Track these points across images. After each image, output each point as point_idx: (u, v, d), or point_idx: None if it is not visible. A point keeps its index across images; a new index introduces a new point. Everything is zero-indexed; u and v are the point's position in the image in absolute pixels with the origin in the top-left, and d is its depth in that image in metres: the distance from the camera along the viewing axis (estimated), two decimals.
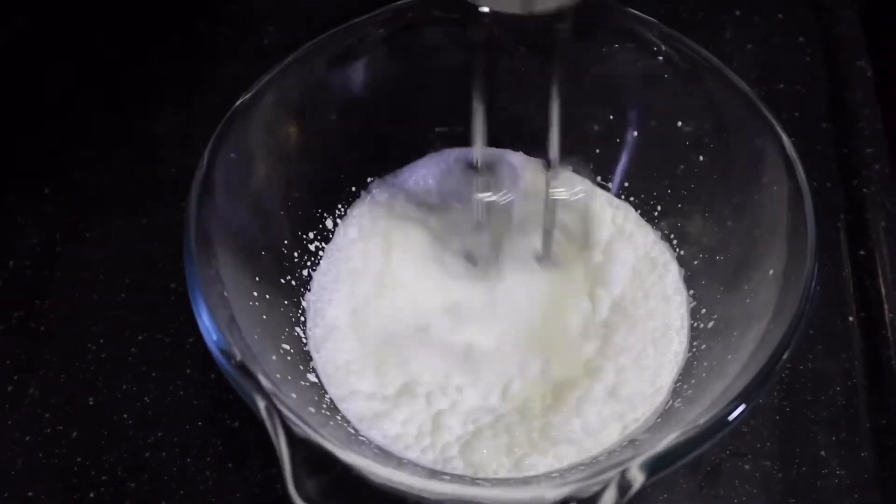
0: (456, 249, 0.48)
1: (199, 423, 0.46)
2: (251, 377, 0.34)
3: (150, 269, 0.51)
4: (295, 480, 0.32)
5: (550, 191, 0.44)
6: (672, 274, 0.47)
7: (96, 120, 0.58)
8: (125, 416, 0.46)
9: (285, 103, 0.45)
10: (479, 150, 0.43)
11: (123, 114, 0.58)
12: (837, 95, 0.60)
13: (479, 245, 0.47)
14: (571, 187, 0.47)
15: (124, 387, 0.47)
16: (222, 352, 0.35)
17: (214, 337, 0.35)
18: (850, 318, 0.50)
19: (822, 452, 0.45)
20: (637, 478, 0.31)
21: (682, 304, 0.46)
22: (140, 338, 0.48)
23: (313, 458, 0.33)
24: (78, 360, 0.48)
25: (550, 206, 0.45)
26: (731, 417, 0.33)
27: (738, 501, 0.43)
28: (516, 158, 0.50)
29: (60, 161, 0.56)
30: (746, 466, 0.44)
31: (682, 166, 0.48)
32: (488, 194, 0.45)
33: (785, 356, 0.35)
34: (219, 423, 0.45)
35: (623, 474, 0.31)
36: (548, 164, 0.44)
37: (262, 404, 0.33)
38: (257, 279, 0.42)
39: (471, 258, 0.47)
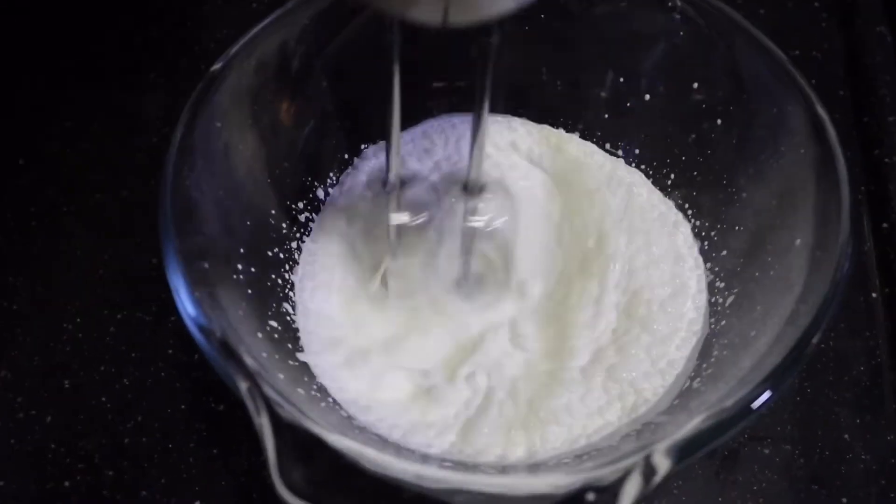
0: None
1: (182, 407, 0.43)
2: (233, 356, 0.31)
3: (130, 244, 0.49)
4: (280, 469, 0.29)
5: (468, 218, 0.41)
6: (683, 234, 0.45)
7: (74, 89, 0.55)
8: (103, 399, 0.43)
9: (269, 64, 0.42)
10: (394, 166, 0.39)
11: (103, 83, 0.56)
12: (855, 62, 0.58)
13: (394, 270, 0.43)
14: (494, 214, 0.41)
15: (102, 368, 0.44)
16: (201, 329, 0.32)
17: (192, 313, 0.32)
18: (874, 295, 0.47)
19: (846, 436, 0.43)
20: (662, 464, 0.29)
21: (696, 266, 0.43)
22: (119, 317, 0.46)
23: (301, 445, 0.30)
24: (53, 341, 0.45)
25: (467, 233, 0.41)
26: (761, 399, 0.30)
27: (758, 488, 0.41)
28: (439, 174, 0.46)
29: (36, 132, 0.53)
30: (766, 451, 0.42)
31: (696, 132, 0.45)
32: (401, 216, 0.41)
33: (818, 334, 0.32)
34: (203, 407, 0.43)
35: (647, 460, 0.28)
36: (465, 187, 0.40)
37: (243, 386, 0.30)
38: (242, 251, 0.39)
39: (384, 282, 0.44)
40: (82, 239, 0.49)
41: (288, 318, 0.41)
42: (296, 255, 0.44)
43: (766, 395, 0.30)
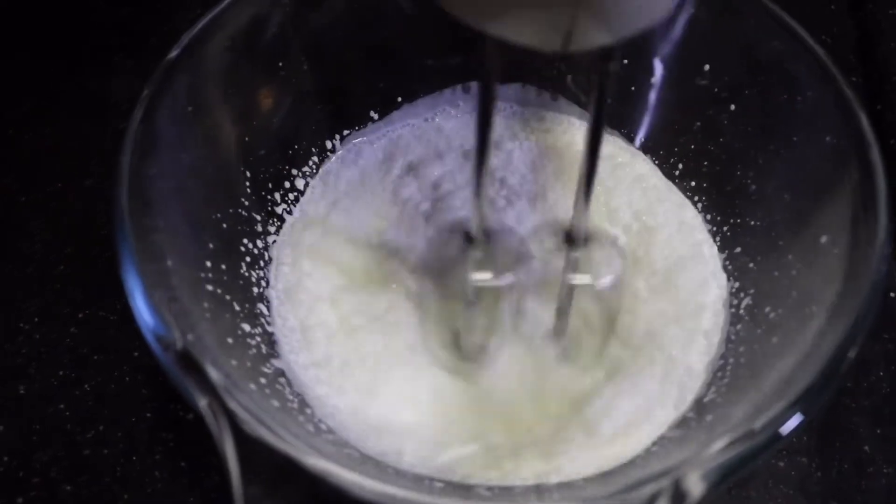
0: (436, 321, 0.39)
1: (148, 416, 0.40)
2: (194, 368, 0.27)
3: (93, 238, 0.46)
4: (246, 498, 0.25)
5: (569, 275, 0.36)
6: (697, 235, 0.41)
7: (34, 69, 0.52)
8: (61, 406, 0.40)
9: (240, 41, 0.38)
10: (477, 217, 0.34)
11: (65, 62, 0.53)
12: (868, 47, 0.55)
13: (467, 330, 0.38)
14: (600, 269, 0.36)
15: (61, 373, 0.41)
16: (158, 339, 0.28)
17: (149, 322, 0.28)
18: (892, 295, 0.44)
19: (866, 447, 0.40)
20: (695, 489, 0.25)
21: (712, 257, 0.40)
22: (80, 316, 0.43)
23: (271, 468, 0.26)
24: (7, 342, 0.42)
25: (567, 291, 0.36)
26: (794, 422, 0.27)
27: None
28: (528, 226, 0.41)
29: None
30: (781, 464, 0.39)
31: (706, 118, 0.42)
32: (484, 275, 0.36)
33: (855, 347, 0.28)
34: (170, 416, 0.40)
35: (676, 484, 0.25)
36: (569, 239, 0.35)
37: (202, 402, 0.27)
38: (211, 247, 0.35)
39: (455, 342, 0.39)
40: (41, 232, 0.46)
41: (263, 319, 0.38)
42: (272, 250, 0.41)
43: (797, 419, 0.27)
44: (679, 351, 0.38)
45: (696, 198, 0.43)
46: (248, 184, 0.40)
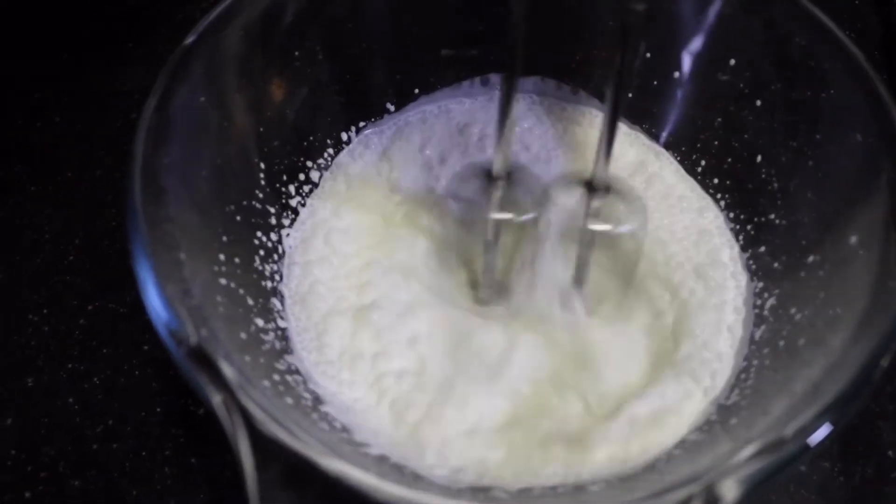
0: (455, 266, 0.40)
1: (158, 410, 0.39)
2: (207, 364, 0.27)
3: (104, 228, 0.45)
4: (261, 499, 0.24)
5: (590, 223, 0.36)
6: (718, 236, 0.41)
7: (45, 59, 0.52)
8: (70, 400, 0.40)
9: (255, 29, 0.37)
10: (500, 156, 0.35)
11: (77, 52, 0.52)
12: (894, 43, 0.53)
13: (486, 271, 0.39)
14: (620, 217, 0.36)
15: (69, 366, 0.41)
16: (172, 334, 0.27)
17: (163, 316, 0.28)
18: None
19: (890, 452, 0.39)
20: (728, 495, 0.25)
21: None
22: (90, 308, 0.42)
23: (286, 468, 0.26)
24: (16, 335, 0.41)
25: (587, 237, 0.37)
26: (823, 431, 0.26)
27: None
28: (550, 169, 0.42)
29: (2, 104, 0.50)
30: (802, 468, 0.38)
31: (731, 114, 0.41)
32: (505, 214, 0.36)
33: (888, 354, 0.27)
34: (181, 410, 0.39)
35: (709, 490, 0.24)
36: (590, 186, 0.35)
37: (216, 399, 0.26)
38: (224, 239, 0.35)
39: (474, 287, 0.39)
40: (51, 222, 0.45)
41: (276, 314, 0.37)
42: (285, 243, 0.40)
43: (828, 427, 0.26)
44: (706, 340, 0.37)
45: (719, 195, 0.42)
46: (262, 175, 0.39)
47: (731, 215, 0.41)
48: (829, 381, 0.28)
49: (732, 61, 0.40)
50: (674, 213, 0.42)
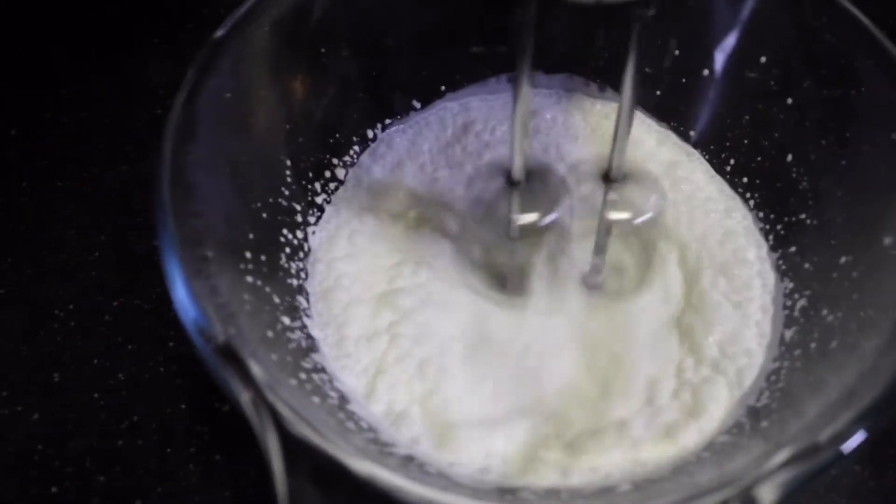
0: (480, 263, 0.40)
1: (183, 407, 0.39)
2: (235, 361, 0.27)
3: (129, 224, 0.45)
4: (291, 499, 0.24)
5: (607, 211, 0.36)
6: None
7: (72, 54, 0.52)
8: (95, 396, 0.40)
9: (284, 26, 0.37)
10: (518, 160, 0.35)
11: (102, 48, 0.52)
12: None
13: (510, 266, 0.39)
14: (638, 204, 0.36)
15: (95, 361, 0.41)
16: (200, 331, 0.27)
17: (191, 313, 0.28)
18: None
19: None
20: (766, 499, 0.24)
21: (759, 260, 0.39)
22: (115, 304, 0.42)
23: (316, 469, 0.25)
24: (42, 329, 0.41)
25: (604, 228, 0.37)
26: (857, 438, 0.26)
27: None
28: (566, 166, 0.41)
29: (30, 99, 0.50)
30: (832, 471, 0.37)
31: (761, 112, 0.40)
32: (526, 217, 0.36)
33: None
34: (206, 407, 0.39)
35: (746, 493, 0.24)
36: (607, 177, 0.36)
37: (245, 396, 0.26)
38: (251, 237, 0.34)
39: (498, 278, 0.40)
40: (76, 217, 0.45)
41: (302, 312, 0.37)
42: (311, 241, 0.40)
43: (863, 433, 0.26)
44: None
45: (748, 195, 0.42)
46: (288, 172, 0.39)
47: (761, 215, 0.41)
48: (863, 386, 0.28)
49: (763, 59, 0.39)
50: (698, 213, 0.42)
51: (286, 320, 0.35)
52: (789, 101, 0.39)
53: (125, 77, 0.51)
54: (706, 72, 0.41)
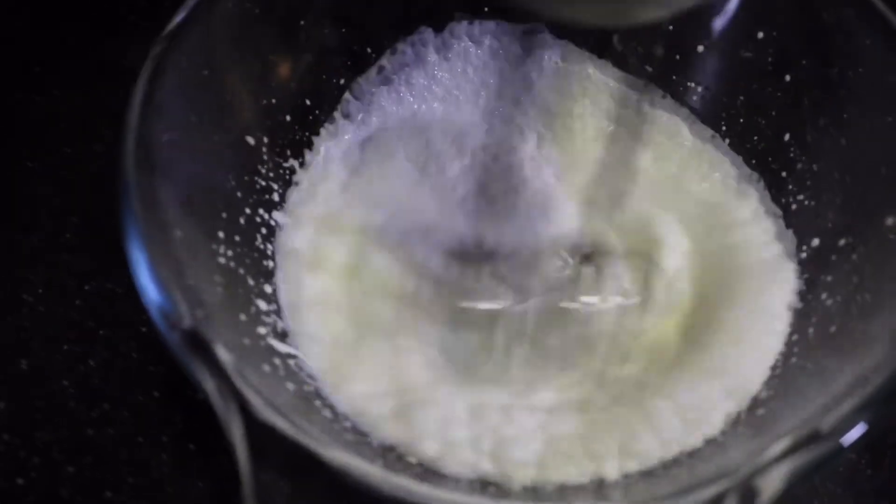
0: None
1: (156, 394, 0.38)
2: (202, 347, 0.25)
3: (103, 205, 0.42)
4: (257, 490, 0.23)
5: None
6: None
7: (45, 32, 0.50)
8: (65, 383, 0.38)
9: None
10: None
11: (77, 25, 0.50)
12: None
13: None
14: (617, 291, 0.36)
15: (65, 348, 0.39)
16: (164, 316, 0.26)
17: (156, 298, 0.26)
18: None
19: None
20: (767, 489, 0.23)
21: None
22: (87, 288, 0.41)
23: (286, 456, 0.24)
24: (9, 315, 0.40)
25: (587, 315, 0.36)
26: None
27: (818, 503, 0.36)
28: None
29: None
30: (836, 461, 0.36)
31: (757, 90, 0.39)
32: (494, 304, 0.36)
33: None
34: (179, 395, 0.38)
35: (746, 484, 0.23)
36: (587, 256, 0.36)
37: (209, 385, 0.24)
38: (224, 216, 0.33)
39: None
40: (47, 198, 0.44)
41: (274, 296, 0.35)
42: (287, 221, 0.39)
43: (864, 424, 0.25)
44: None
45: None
46: (264, 150, 0.37)
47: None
48: (864, 375, 0.26)
49: (760, 34, 0.38)
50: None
51: (261, 304, 0.34)
52: (787, 78, 0.38)
53: (100, 56, 0.49)
54: (700, 48, 0.40)
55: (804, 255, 0.36)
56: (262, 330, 0.32)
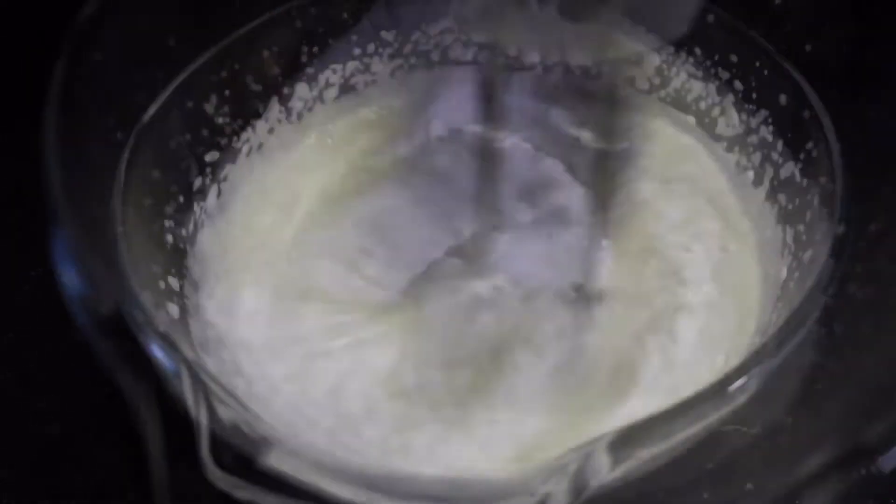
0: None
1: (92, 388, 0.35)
2: (119, 333, 0.24)
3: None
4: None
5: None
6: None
7: None
8: (8, 375, 0.37)
9: None
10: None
11: None
12: None
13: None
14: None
15: (11, 334, 0.38)
16: (81, 301, 0.24)
17: (73, 283, 0.25)
18: None
19: None
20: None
21: None
22: (33, 273, 0.39)
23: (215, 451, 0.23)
24: None
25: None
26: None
27: None
28: None
29: None
30: None
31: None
32: None
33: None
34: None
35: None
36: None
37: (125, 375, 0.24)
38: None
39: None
40: None
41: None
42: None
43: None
44: None
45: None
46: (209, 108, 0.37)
47: None
48: None
49: None
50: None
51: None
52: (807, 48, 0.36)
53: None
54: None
55: None
56: (169, 313, 0.31)
